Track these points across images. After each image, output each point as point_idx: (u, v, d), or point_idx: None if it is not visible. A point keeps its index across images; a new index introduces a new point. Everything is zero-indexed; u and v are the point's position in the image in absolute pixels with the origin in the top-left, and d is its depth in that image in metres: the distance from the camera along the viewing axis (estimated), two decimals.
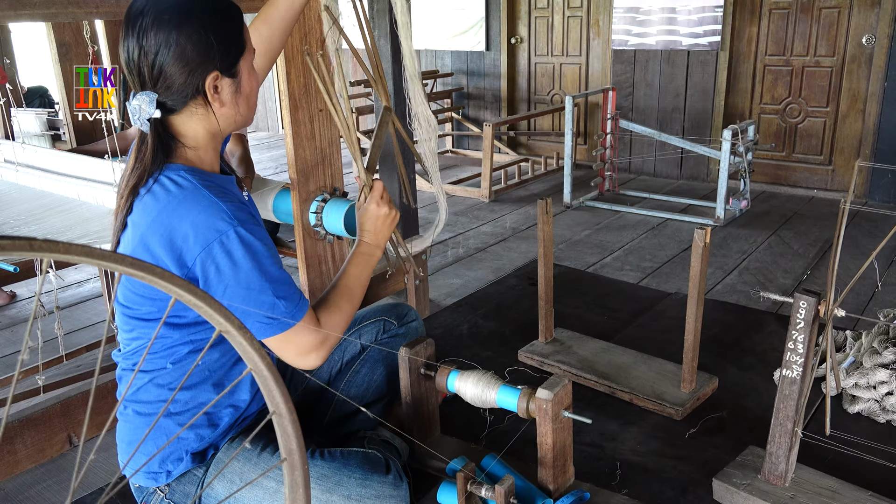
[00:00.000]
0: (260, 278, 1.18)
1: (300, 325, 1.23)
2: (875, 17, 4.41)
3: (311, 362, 1.29)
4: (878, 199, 4.60)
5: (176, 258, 1.16)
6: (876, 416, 1.71)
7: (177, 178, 1.19)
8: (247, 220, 1.19)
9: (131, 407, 1.32)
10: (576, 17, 5.65)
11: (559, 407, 1.35)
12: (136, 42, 1.16)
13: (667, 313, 2.33)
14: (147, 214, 1.18)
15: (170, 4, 1.16)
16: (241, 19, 1.26)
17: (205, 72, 1.19)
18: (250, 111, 1.30)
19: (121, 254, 0.62)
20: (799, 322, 1.28)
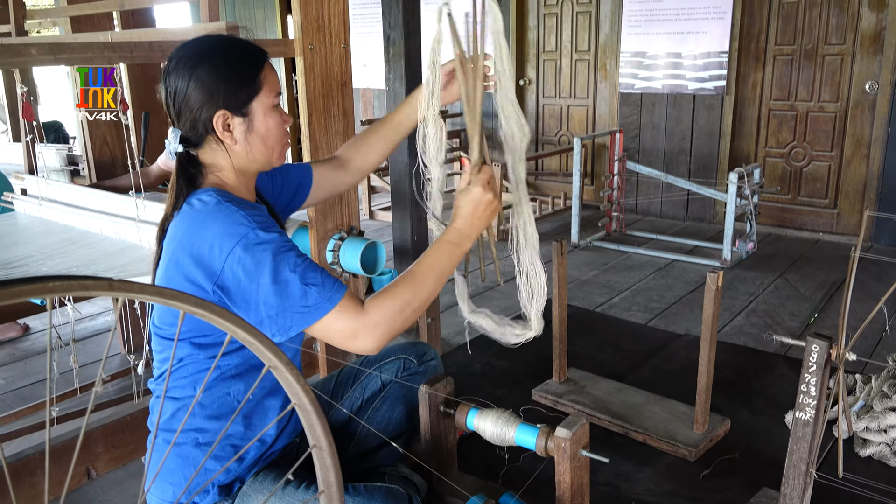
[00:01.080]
0: (286, 271, 1.20)
1: (338, 309, 1.22)
2: (878, 64, 4.51)
3: (361, 346, 1.26)
4: (883, 243, 4.64)
5: (205, 269, 1.22)
6: (888, 460, 1.73)
7: (203, 196, 1.28)
8: (266, 223, 1.25)
9: (161, 436, 1.35)
10: (583, 60, 5.77)
11: (577, 446, 1.37)
12: (164, 84, 1.31)
13: (678, 354, 2.35)
14: (176, 233, 1.27)
15: (190, 50, 1.31)
16: (259, 63, 1.34)
17: (211, 110, 1.29)
18: (268, 151, 1.36)
19: (185, 294, 0.66)
20: (811, 365, 1.31)
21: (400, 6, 3.15)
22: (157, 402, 1.41)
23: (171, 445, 1.32)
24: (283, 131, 1.38)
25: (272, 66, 1.37)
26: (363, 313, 1.25)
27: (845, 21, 4.60)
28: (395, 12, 3.17)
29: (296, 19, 2.11)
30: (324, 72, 2.07)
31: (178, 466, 1.34)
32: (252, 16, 7.61)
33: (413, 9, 3.20)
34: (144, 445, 1.84)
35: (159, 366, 1.38)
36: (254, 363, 1.39)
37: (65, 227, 2.49)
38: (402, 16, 3.15)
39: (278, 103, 1.37)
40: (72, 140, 5.21)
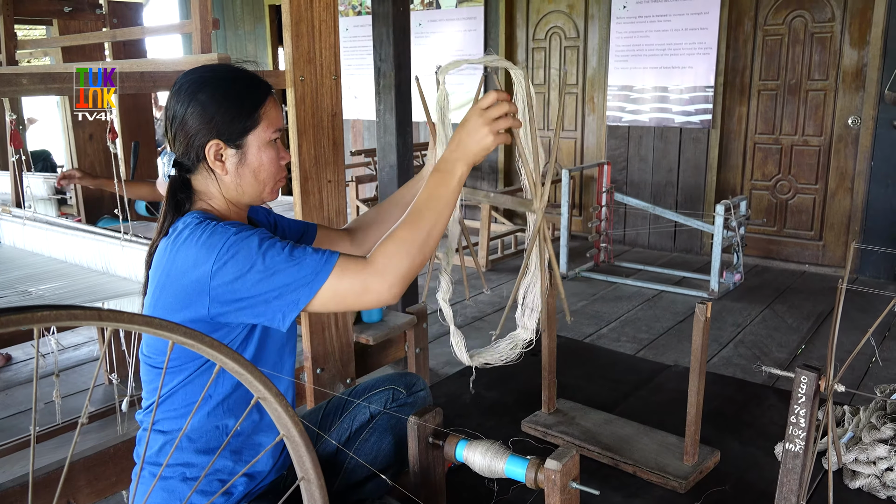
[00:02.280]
0: (272, 256, 1.19)
1: (338, 269, 1.19)
2: (860, 99, 4.60)
3: (377, 297, 1.22)
4: (868, 274, 4.69)
5: (195, 286, 1.21)
6: (877, 492, 1.73)
7: (186, 219, 1.28)
8: (242, 228, 1.23)
9: (147, 469, 1.33)
10: (571, 93, 5.85)
11: (567, 478, 1.36)
12: (166, 106, 1.33)
13: (667, 385, 2.35)
14: (161, 259, 1.27)
15: (195, 77, 1.31)
16: (261, 97, 1.34)
17: (205, 138, 1.29)
18: (260, 185, 1.35)
19: (175, 324, 0.66)
20: (801, 397, 1.31)
21: (391, 39, 3.19)
22: (144, 434, 1.38)
23: (157, 479, 1.30)
24: (277, 167, 1.36)
25: (276, 101, 1.37)
26: (367, 264, 1.21)
27: (827, 57, 4.70)
28: (386, 45, 3.21)
29: (287, 51, 2.13)
30: (314, 103, 2.09)
31: (163, 500, 1.32)
32: (243, 48, 7.68)
33: (403, 42, 3.25)
34: (128, 478, 1.81)
35: (148, 397, 1.36)
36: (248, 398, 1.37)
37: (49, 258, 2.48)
38: (392, 48, 3.20)
39: (277, 138, 1.36)
40: (59, 169, 5.20)
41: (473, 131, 1.29)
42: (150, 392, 1.36)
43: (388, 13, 3.17)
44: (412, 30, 6.61)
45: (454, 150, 1.30)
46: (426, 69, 6.93)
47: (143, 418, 1.40)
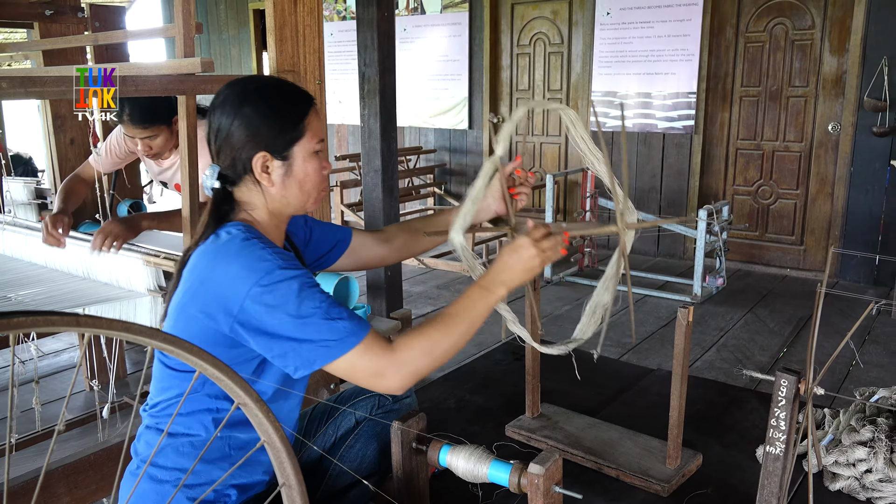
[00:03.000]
0: (309, 306, 1.19)
1: (364, 345, 1.20)
2: (840, 106, 4.65)
3: (388, 385, 1.24)
4: (848, 279, 4.74)
5: (225, 302, 1.20)
6: (856, 494, 1.74)
7: (231, 229, 1.28)
8: (290, 261, 1.24)
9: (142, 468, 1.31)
10: (555, 99, 5.87)
11: (550, 482, 1.37)
12: (208, 119, 1.33)
13: (650, 389, 2.36)
14: (198, 264, 1.26)
15: (239, 90, 1.32)
16: (305, 109, 1.35)
17: (252, 151, 1.30)
18: (304, 196, 1.37)
19: (155, 329, 0.66)
20: (781, 400, 1.33)
21: (375, 44, 3.19)
22: (146, 431, 1.35)
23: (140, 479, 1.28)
24: (321, 177, 1.38)
25: (317, 113, 1.38)
26: (390, 351, 1.23)
27: (808, 64, 4.75)
28: (371, 50, 3.21)
29: (271, 56, 2.13)
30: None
31: (153, 503, 1.30)
32: (227, 52, 7.65)
33: (388, 47, 3.25)
34: (109, 485, 1.79)
35: (156, 394, 1.34)
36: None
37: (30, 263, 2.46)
38: (377, 53, 3.20)
39: (320, 149, 1.38)
40: (40, 173, 5.15)
41: (525, 260, 1.35)
42: (157, 390, 1.34)
43: (373, 18, 3.17)
44: (397, 35, 6.61)
45: (500, 272, 1.36)
46: (411, 74, 6.96)
47: (147, 416, 1.37)
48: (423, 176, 6.38)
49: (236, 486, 1.35)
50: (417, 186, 6.29)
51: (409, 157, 6.30)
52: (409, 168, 6.21)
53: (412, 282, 4.82)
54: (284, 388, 1.37)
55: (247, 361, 1.29)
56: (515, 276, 1.36)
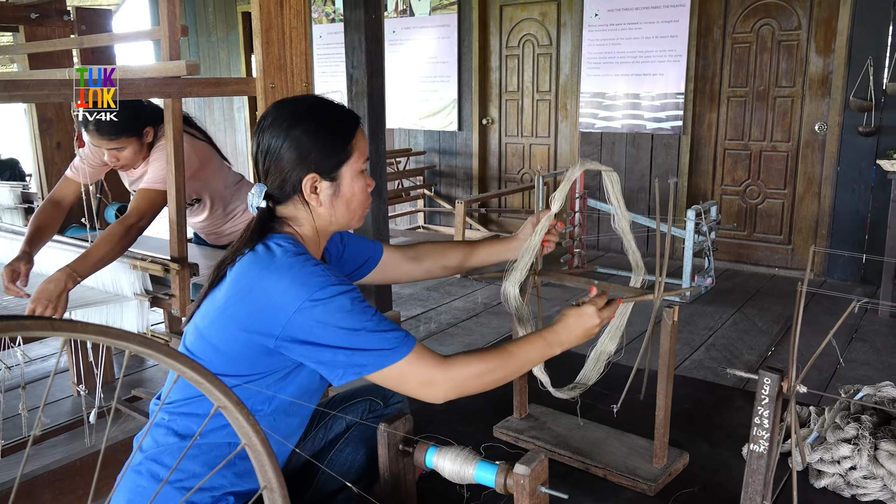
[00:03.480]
0: (360, 319, 1.22)
1: (416, 354, 1.25)
2: (826, 106, 4.68)
3: (433, 394, 1.29)
4: (835, 277, 4.77)
5: (273, 314, 1.22)
6: (841, 491, 1.75)
7: (281, 241, 1.29)
8: (340, 278, 1.27)
9: (148, 466, 1.29)
10: (545, 100, 5.89)
11: (536, 482, 1.37)
12: (256, 139, 1.35)
13: (638, 388, 2.37)
14: (247, 272, 1.26)
15: (287, 111, 1.34)
16: (353, 129, 1.38)
17: (302, 172, 1.32)
18: (351, 214, 1.40)
19: (131, 332, 0.65)
20: (764, 398, 1.34)
21: (363, 46, 3.20)
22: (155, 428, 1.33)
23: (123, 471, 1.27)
24: (366, 195, 1.41)
25: (363, 132, 1.41)
26: (444, 364, 1.28)
27: (794, 65, 4.78)
28: (358, 52, 3.22)
29: (258, 58, 2.13)
30: None
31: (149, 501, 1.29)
32: (216, 55, 7.63)
33: (376, 49, 3.25)
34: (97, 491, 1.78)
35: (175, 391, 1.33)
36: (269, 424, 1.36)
37: None
38: (364, 55, 3.20)
39: (365, 168, 1.41)
40: (28, 177, 5.13)
41: (588, 325, 1.50)
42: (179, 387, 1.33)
43: (361, 20, 3.18)
44: (386, 37, 6.61)
45: (563, 332, 1.48)
46: (401, 76, 6.97)
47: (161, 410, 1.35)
48: (413, 178, 6.38)
49: (234, 493, 1.34)
50: (407, 188, 6.29)
51: (398, 158, 6.30)
52: (398, 170, 6.21)
53: (401, 283, 4.82)
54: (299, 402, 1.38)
55: (276, 371, 1.31)
56: (575, 339, 1.49)
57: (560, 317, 1.50)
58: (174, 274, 2.13)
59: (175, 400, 1.32)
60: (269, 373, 1.30)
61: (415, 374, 1.26)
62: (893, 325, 3.83)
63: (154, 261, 2.17)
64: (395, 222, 6.53)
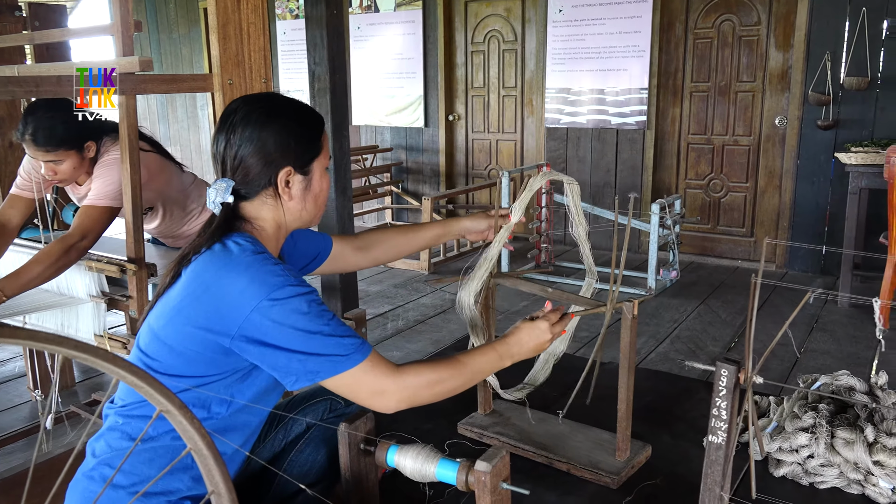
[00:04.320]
0: (317, 322, 1.21)
1: (370, 363, 1.25)
2: (786, 100, 4.76)
3: (385, 404, 1.28)
4: (796, 268, 4.85)
5: (229, 313, 1.20)
6: (799, 479, 1.78)
7: (239, 240, 1.28)
8: (299, 279, 1.26)
9: (101, 471, 1.26)
10: (510, 96, 5.90)
11: (497, 479, 1.36)
12: (224, 135, 1.33)
13: (601, 382, 2.37)
14: (204, 271, 1.25)
15: (258, 106, 1.34)
16: (321, 126, 1.41)
17: (279, 166, 1.33)
18: (317, 210, 1.42)
19: (63, 336, 0.63)
20: (721, 389, 1.35)
21: (324, 42, 3.16)
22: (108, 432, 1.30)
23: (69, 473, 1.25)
24: (327, 193, 1.45)
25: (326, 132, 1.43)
26: (397, 373, 1.28)
27: (755, 60, 4.85)
28: (320, 48, 3.18)
29: (214, 54, 2.09)
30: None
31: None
32: (178, 52, 7.52)
33: (338, 45, 3.22)
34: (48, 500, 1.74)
35: (127, 395, 1.31)
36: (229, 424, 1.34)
37: None
38: (326, 52, 3.17)
39: (328, 166, 1.45)
40: None
41: (540, 339, 1.51)
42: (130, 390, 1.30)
43: (322, 16, 3.14)
44: (351, 33, 6.57)
45: (514, 345, 1.48)
46: (367, 72, 6.91)
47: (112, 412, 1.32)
48: (380, 175, 6.35)
49: (191, 497, 1.31)
50: (374, 185, 6.26)
51: (365, 155, 6.26)
52: (365, 167, 6.18)
53: (369, 281, 4.80)
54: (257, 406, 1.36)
55: (234, 371, 1.29)
56: (526, 352, 1.49)
57: (513, 329, 1.51)
58: (131, 275, 2.09)
59: (128, 403, 1.29)
60: (228, 373, 1.28)
61: (367, 383, 1.26)
62: (852, 315, 3.91)
63: (110, 261, 2.13)
64: (362, 219, 6.50)
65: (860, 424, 1.75)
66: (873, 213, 4.22)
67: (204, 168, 7.43)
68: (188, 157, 7.73)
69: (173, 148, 7.85)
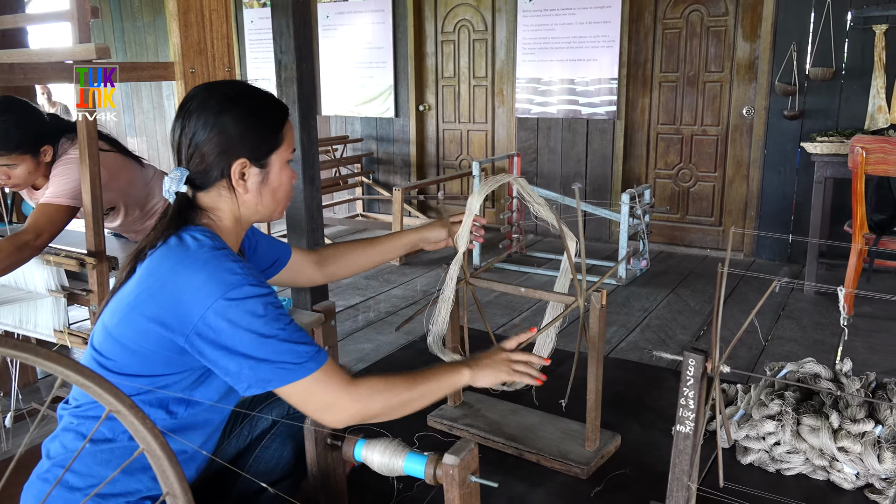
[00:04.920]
0: (273, 327, 1.18)
1: (323, 373, 1.21)
2: (753, 90, 4.80)
3: (334, 418, 1.25)
4: (764, 257, 4.91)
5: (185, 311, 1.17)
6: (766, 466, 1.80)
7: (197, 234, 1.24)
8: (258, 278, 1.23)
9: (56, 473, 1.22)
10: (481, 86, 5.88)
11: (466, 472, 1.35)
12: (180, 122, 1.29)
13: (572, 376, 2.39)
14: (159, 266, 1.21)
15: (219, 93, 1.30)
16: (283, 118, 1.36)
17: (233, 157, 1.28)
18: (276, 204, 1.38)
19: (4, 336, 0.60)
20: (689, 379, 1.35)
21: (291, 31, 3.10)
22: (63, 433, 1.26)
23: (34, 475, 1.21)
24: (290, 187, 1.40)
25: (291, 123, 1.38)
26: (351, 386, 1.25)
27: (723, 50, 4.88)
28: (286, 37, 3.12)
29: (175, 42, 2.05)
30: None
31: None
32: (142, 40, 7.37)
33: (305, 33, 3.16)
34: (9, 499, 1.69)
35: (80, 394, 1.26)
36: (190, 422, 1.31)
37: None
38: (293, 40, 3.11)
39: (292, 159, 1.39)
40: None
41: (495, 366, 1.50)
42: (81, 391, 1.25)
43: (288, 4, 3.07)
44: (320, 22, 6.49)
45: (472, 367, 1.47)
46: (336, 62, 6.83)
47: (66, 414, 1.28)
48: (351, 165, 6.30)
49: (151, 497, 1.28)
50: (345, 176, 6.20)
51: (335, 146, 6.20)
52: (335, 158, 6.12)
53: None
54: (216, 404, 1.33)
55: (192, 370, 1.26)
56: (482, 378, 1.48)
57: (482, 355, 1.52)
58: (91, 268, 2.03)
59: (82, 403, 1.25)
60: (185, 372, 1.25)
61: (318, 394, 1.23)
62: (817, 302, 3.97)
63: (69, 255, 2.07)
64: (332, 211, 6.44)
65: (825, 411, 1.77)
66: (838, 202, 4.29)
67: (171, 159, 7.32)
68: (154, 147, 7.60)
69: (139, 139, 7.71)
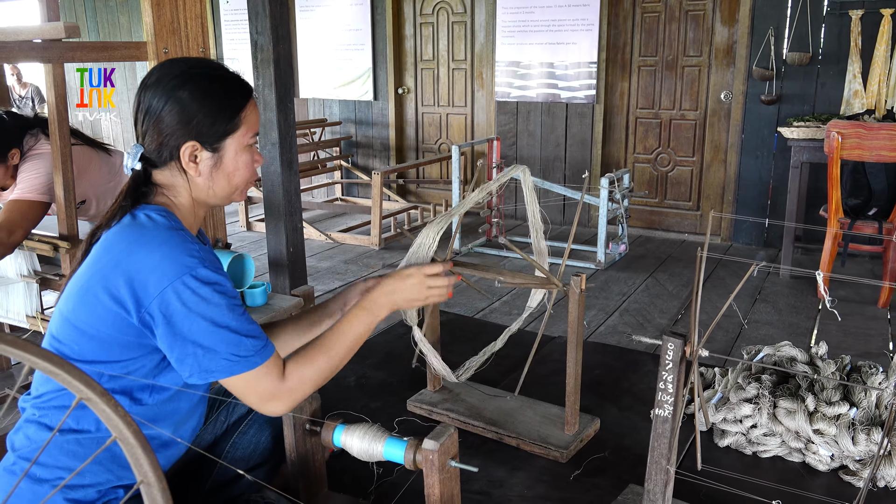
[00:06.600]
0: (225, 316, 1.17)
1: (266, 368, 1.21)
2: (731, 75, 4.82)
3: (274, 409, 1.25)
4: (741, 241, 4.96)
5: (138, 291, 1.15)
6: (743, 449, 1.82)
7: (153, 213, 1.22)
8: (213, 262, 1.21)
9: (22, 465, 1.19)
10: (460, 69, 5.84)
11: (446, 457, 1.35)
12: (138, 96, 1.27)
13: (552, 357, 2.39)
14: (113, 245, 1.19)
15: (177, 70, 1.26)
16: (243, 101, 1.30)
17: (182, 139, 1.25)
18: (231, 188, 1.33)
19: None
20: (668, 363, 1.35)
21: (267, 11, 3.05)
22: (26, 424, 1.24)
23: None
24: (251, 171, 1.35)
25: (255, 106, 1.33)
26: (283, 380, 1.25)
27: (701, 35, 4.89)
28: (263, 17, 3.07)
29: (147, 21, 2.00)
30: None
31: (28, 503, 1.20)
32: (115, 20, 7.22)
33: (281, 14, 3.11)
34: None
35: (41, 384, 1.23)
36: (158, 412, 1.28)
37: None
38: (269, 20, 3.06)
39: (254, 143, 1.34)
40: None
41: (411, 288, 1.44)
42: (43, 379, 1.23)
43: None
44: (297, 3, 6.40)
45: (385, 295, 1.42)
46: (314, 44, 6.73)
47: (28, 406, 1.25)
48: (329, 149, 6.24)
49: (124, 486, 1.26)
50: (323, 160, 6.15)
51: (313, 129, 6.14)
52: (313, 141, 6.06)
53: (319, 257, 4.73)
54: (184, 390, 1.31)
55: (150, 354, 1.23)
56: (397, 303, 1.43)
57: (381, 280, 1.46)
58: (64, 253, 1.99)
59: (44, 393, 1.22)
60: (145, 356, 1.22)
61: (259, 387, 1.23)
62: (793, 286, 4.01)
63: (41, 239, 2.03)
64: (311, 195, 6.39)
65: (801, 394, 1.79)
66: (814, 187, 4.32)
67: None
68: (129, 130, 7.47)
69: (114, 121, 7.57)
